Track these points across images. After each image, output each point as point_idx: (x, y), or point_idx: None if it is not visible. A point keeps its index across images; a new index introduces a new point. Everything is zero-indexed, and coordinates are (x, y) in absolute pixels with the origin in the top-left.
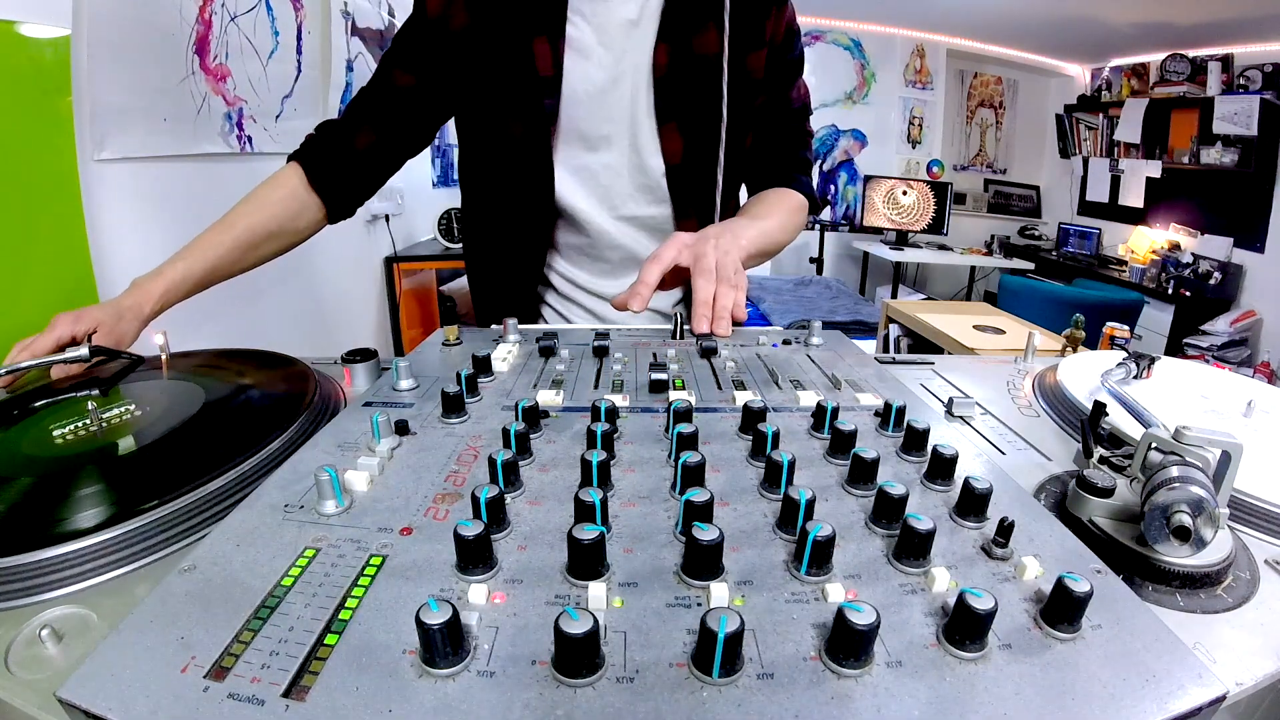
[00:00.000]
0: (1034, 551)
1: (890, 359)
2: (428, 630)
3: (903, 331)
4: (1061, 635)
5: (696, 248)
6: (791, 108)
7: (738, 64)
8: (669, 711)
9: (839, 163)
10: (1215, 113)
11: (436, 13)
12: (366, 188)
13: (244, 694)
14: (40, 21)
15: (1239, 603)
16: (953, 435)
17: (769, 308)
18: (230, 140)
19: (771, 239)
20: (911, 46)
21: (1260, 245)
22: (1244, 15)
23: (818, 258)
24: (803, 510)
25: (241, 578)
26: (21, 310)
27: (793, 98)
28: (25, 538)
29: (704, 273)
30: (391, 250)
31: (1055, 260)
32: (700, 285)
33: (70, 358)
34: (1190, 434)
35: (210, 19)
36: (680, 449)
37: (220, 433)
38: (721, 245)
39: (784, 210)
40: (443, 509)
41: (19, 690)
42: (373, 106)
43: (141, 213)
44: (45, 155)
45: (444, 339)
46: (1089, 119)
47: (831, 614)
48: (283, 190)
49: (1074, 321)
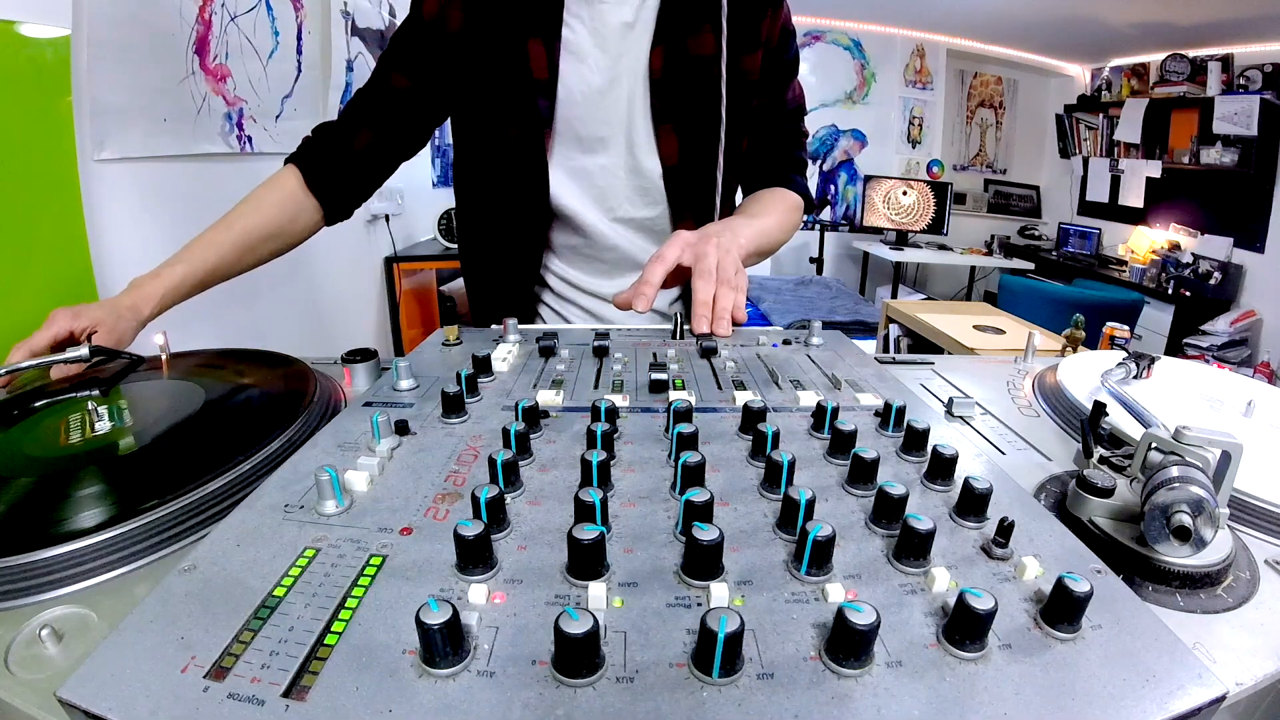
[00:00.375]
0: (1034, 551)
1: (890, 359)
2: (428, 630)
3: (903, 331)
4: (1061, 635)
5: (698, 247)
6: (787, 109)
7: (734, 65)
8: (669, 711)
9: (839, 163)
10: (1215, 113)
11: (433, 14)
12: (363, 189)
13: (244, 694)
14: (40, 21)
15: (1239, 603)
16: (953, 435)
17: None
18: (230, 140)
19: (769, 237)
20: (911, 46)
21: (1260, 245)
22: (1244, 15)
23: (818, 258)
24: (803, 510)
25: (241, 578)
26: (21, 310)
27: (788, 99)
28: (25, 538)
29: (704, 274)
30: (391, 250)
31: (1055, 260)
32: (700, 286)
33: (70, 358)
34: (1190, 434)
35: (210, 19)
36: (680, 449)
37: (220, 433)
38: (722, 244)
39: (781, 209)
40: (443, 509)
41: (19, 690)
42: (370, 108)
43: (141, 212)
44: (45, 155)
45: (444, 339)
46: (1089, 119)
47: (831, 614)
48: (280, 192)
49: (1074, 321)
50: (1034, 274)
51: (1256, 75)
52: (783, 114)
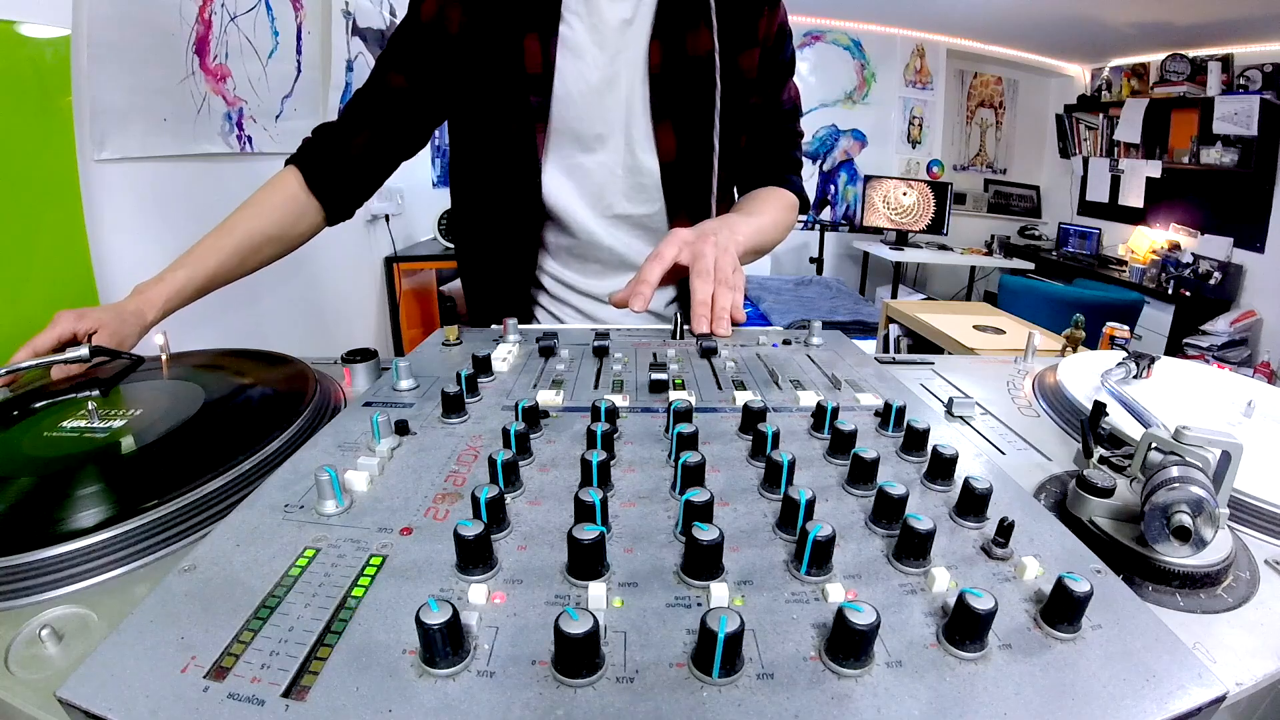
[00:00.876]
0: (1034, 551)
1: (890, 359)
2: (428, 630)
3: (903, 331)
4: (1061, 635)
5: (696, 245)
6: (783, 109)
7: (730, 62)
8: (669, 711)
9: (839, 163)
10: (1215, 113)
11: (431, 15)
12: (364, 189)
13: (244, 694)
14: (40, 21)
15: (1239, 603)
16: (953, 435)
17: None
18: (230, 140)
19: (765, 235)
20: (911, 46)
21: (1260, 245)
22: (1244, 15)
23: (818, 258)
24: (803, 510)
25: (241, 578)
26: (21, 310)
27: (783, 99)
28: (25, 538)
29: (703, 273)
30: (391, 250)
31: (1055, 260)
32: (699, 285)
33: (70, 358)
34: (1190, 434)
35: (210, 19)
36: (680, 449)
37: (220, 433)
38: (720, 242)
39: (777, 208)
40: (443, 509)
41: (19, 690)
42: (369, 109)
43: (141, 213)
44: (45, 155)
45: (444, 339)
46: (1089, 119)
47: (831, 614)
48: (281, 194)
49: (1074, 321)
50: (1034, 274)
51: (1256, 75)
52: (779, 114)
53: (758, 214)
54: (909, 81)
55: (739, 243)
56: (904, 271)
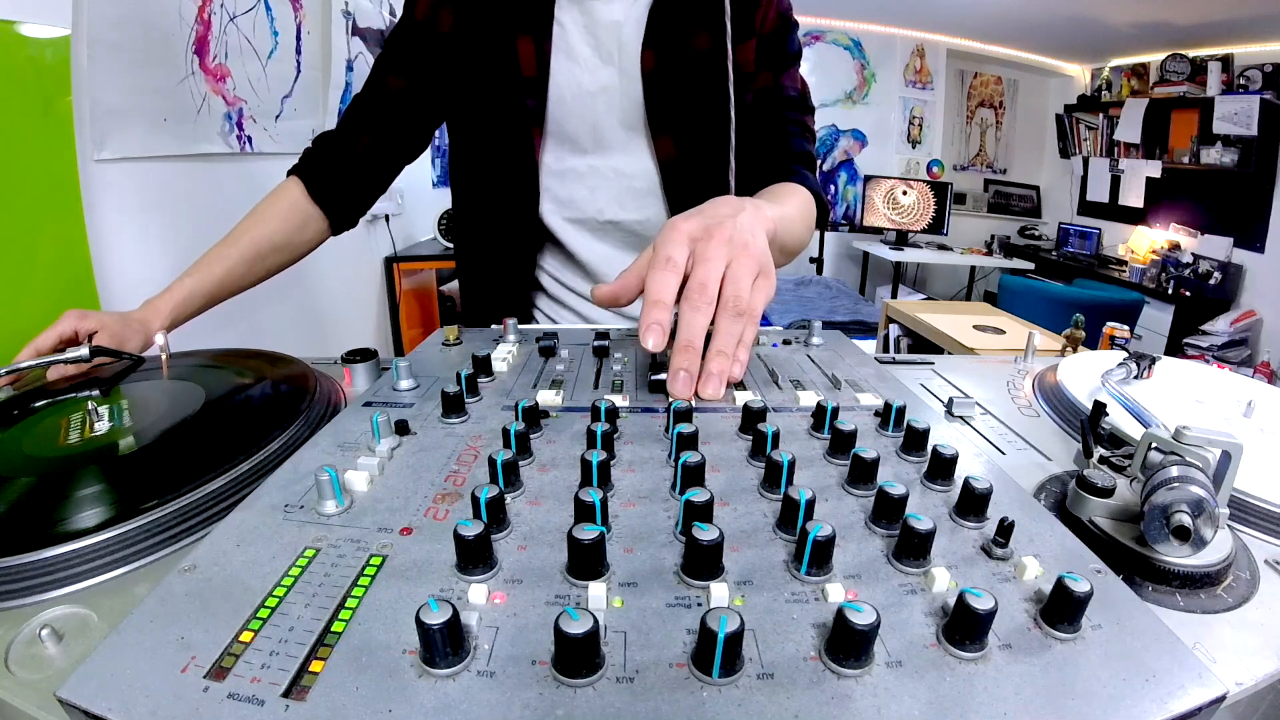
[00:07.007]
0: (1034, 551)
1: (890, 359)
2: (428, 630)
3: (903, 331)
4: (1061, 635)
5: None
6: (785, 94)
7: (730, 59)
8: (669, 711)
9: (839, 163)
10: (1215, 113)
11: (424, 15)
12: (366, 195)
13: (244, 694)
14: (40, 21)
15: (1239, 603)
16: (953, 435)
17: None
18: (230, 140)
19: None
20: (911, 46)
21: (1260, 245)
22: (1244, 15)
23: (818, 258)
24: (803, 510)
25: (241, 578)
26: (21, 310)
27: (786, 84)
28: (25, 538)
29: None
30: (391, 250)
31: (1055, 260)
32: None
33: (70, 358)
34: (1190, 434)
35: (209, 19)
36: (680, 449)
37: (220, 433)
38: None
39: (797, 203)
40: (443, 509)
41: (19, 690)
42: (368, 113)
43: (141, 212)
44: (45, 155)
45: (444, 339)
46: (1089, 119)
47: (831, 614)
48: (285, 203)
49: (1074, 321)
50: (1034, 274)
51: (1256, 75)
52: (782, 101)
53: (778, 203)
54: (909, 81)
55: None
56: (904, 271)
